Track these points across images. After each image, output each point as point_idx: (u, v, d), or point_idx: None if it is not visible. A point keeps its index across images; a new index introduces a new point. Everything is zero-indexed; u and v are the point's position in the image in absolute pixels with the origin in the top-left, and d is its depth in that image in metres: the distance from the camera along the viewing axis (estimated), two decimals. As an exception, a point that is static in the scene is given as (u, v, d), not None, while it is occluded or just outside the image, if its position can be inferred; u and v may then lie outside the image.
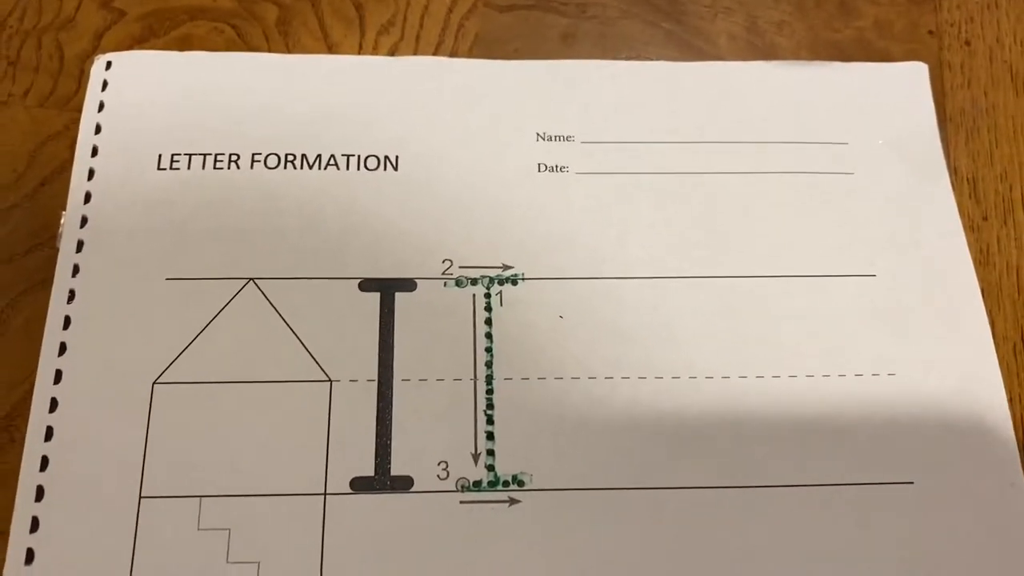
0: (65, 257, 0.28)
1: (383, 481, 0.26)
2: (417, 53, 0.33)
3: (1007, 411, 0.28)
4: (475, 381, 0.28)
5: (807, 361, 0.28)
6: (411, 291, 0.29)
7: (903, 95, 0.33)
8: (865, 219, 0.30)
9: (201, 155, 0.30)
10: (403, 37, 0.33)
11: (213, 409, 0.27)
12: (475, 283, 0.29)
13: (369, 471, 0.26)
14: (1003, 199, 0.32)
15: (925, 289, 0.29)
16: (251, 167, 0.30)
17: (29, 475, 0.26)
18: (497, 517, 0.26)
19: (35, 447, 0.26)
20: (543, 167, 0.31)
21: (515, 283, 0.29)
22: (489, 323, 0.28)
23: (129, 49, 0.32)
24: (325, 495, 0.26)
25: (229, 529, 0.26)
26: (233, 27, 0.33)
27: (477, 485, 0.26)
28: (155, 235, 0.29)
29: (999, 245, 0.31)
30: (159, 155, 0.30)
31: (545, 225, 0.30)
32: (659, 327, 0.29)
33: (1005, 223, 0.31)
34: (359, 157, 0.31)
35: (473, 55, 0.33)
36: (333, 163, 0.30)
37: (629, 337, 0.28)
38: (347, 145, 0.31)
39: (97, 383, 0.27)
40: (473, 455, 0.27)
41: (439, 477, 0.26)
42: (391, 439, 0.27)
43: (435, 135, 0.31)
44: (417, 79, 0.32)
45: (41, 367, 0.27)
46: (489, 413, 0.27)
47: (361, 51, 0.33)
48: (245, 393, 0.27)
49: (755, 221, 0.30)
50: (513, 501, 0.26)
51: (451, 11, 0.34)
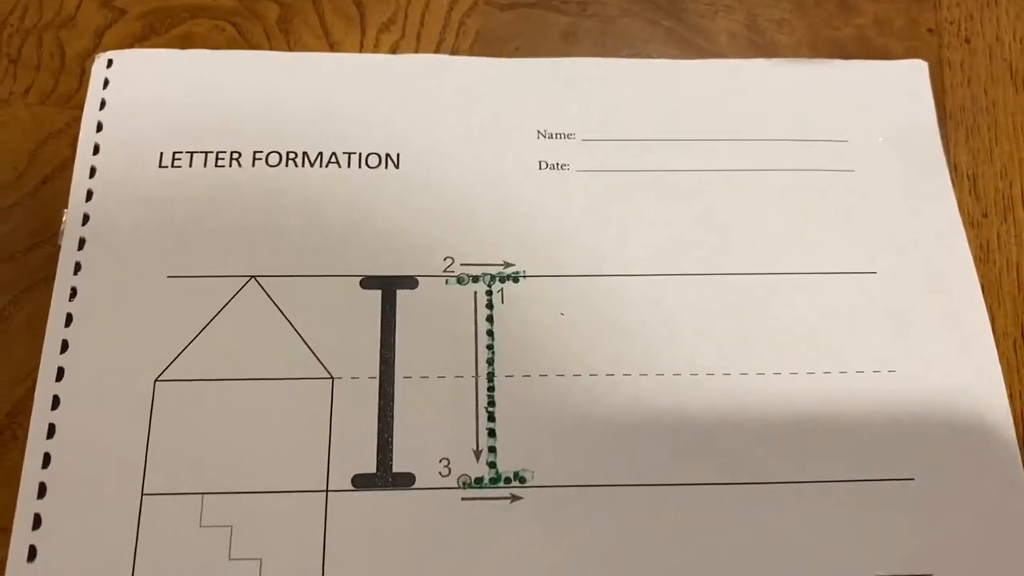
0: (67, 255, 0.28)
1: (385, 478, 0.26)
2: (418, 51, 0.33)
3: (1007, 407, 0.28)
4: (476, 378, 0.28)
5: (808, 358, 0.28)
6: (412, 289, 0.29)
7: (903, 93, 0.33)
8: (865, 216, 0.30)
9: (202, 153, 0.30)
10: (404, 35, 0.33)
11: (215, 406, 0.27)
12: (476, 280, 0.29)
13: (371, 468, 0.26)
14: (1003, 196, 0.32)
15: (925, 286, 0.30)
16: (252, 165, 0.30)
17: (31, 472, 0.26)
18: (498, 514, 0.26)
19: (37, 444, 0.26)
20: (544, 165, 0.31)
21: (516, 280, 0.29)
22: (490, 320, 0.28)
23: (130, 47, 0.32)
24: (327, 492, 0.26)
25: (231, 526, 0.26)
26: (234, 25, 0.33)
27: (479, 482, 0.26)
28: (157, 233, 0.29)
29: (999, 242, 0.31)
30: (160, 153, 0.30)
31: (546, 223, 0.30)
32: (660, 324, 0.29)
33: (1005, 220, 0.31)
34: (360, 155, 0.31)
35: (474, 53, 0.33)
36: (334, 161, 0.30)
37: (630, 334, 0.29)
38: (348, 143, 0.31)
39: (99, 380, 0.27)
40: (475, 452, 0.27)
41: (441, 474, 0.26)
42: (392, 436, 0.27)
43: (436, 133, 0.31)
44: (418, 77, 0.32)
45: (43, 364, 0.27)
46: (490, 410, 0.27)
47: (362, 49, 0.33)
48: (247, 390, 0.27)
49: (755, 218, 0.30)
50: (515, 498, 0.26)
51: (452, 9, 0.34)
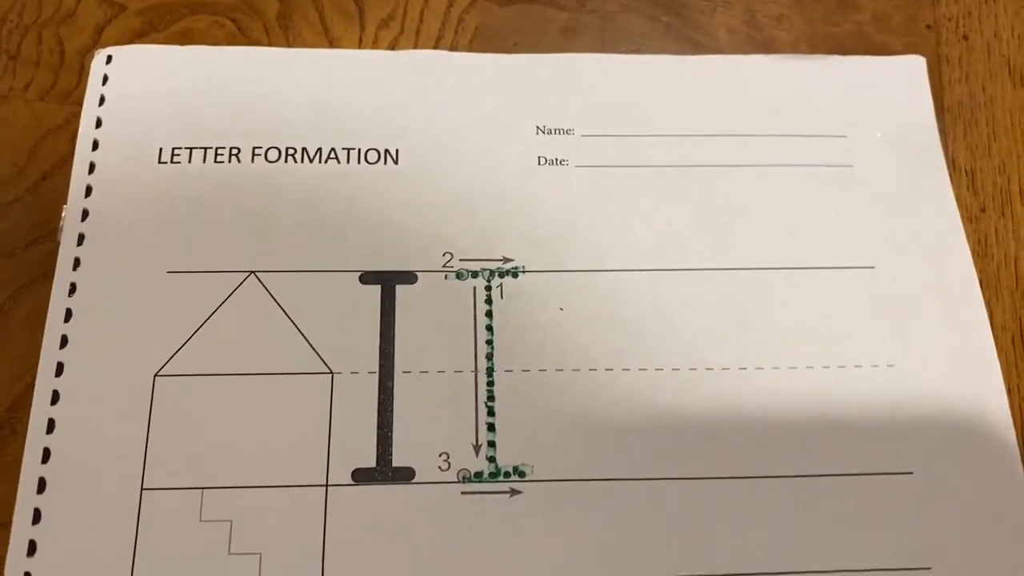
0: (66, 250, 0.28)
1: (384, 472, 0.26)
2: (417, 47, 0.33)
3: (1006, 402, 0.28)
4: (476, 373, 0.28)
5: (807, 353, 0.28)
6: (412, 284, 0.29)
7: (901, 88, 0.33)
8: (864, 211, 0.31)
9: (202, 149, 0.30)
10: (403, 31, 0.33)
11: (215, 401, 0.27)
12: (476, 276, 0.29)
13: (371, 462, 0.26)
14: (1001, 191, 0.32)
15: (924, 281, 0.30)
16: (252, 161, 0.30)
17: (31, 467, 0.26)
18: (498, 508, 0.26)
19: (37, 439, 0.26)
20: (543, 160, 0.31)
21: (516, 276, 0.29)
22: (490, 315, 0.28)
23: (129, 43, 0.32)
24: (327, 486, 0.26)
25: (231, 521, 0.26)
26: (233, 21, 0.33)
27: (478, 476, 0.26)
28: (156, 228, 0.29)
29: (997, 236, 0.31)
30: (160, 149, 0.30)
31: (545, 218, 0.30)
32: (659, 319, 0.29)
33: (1003, 215, 0.31)
34: (359, 150, 0.31)
35: (473, 49, 0.33)
36: (334, 156, 0.30)
37: (629, 329, 0.29)
38: (347, 139, 0.31)
39: (99, 376, 0.27)
40: (474, 446, 0.27)
41: (440, 468, 0.26)
42: (392, 431, 0.27)
43: (435, 129, 0.31)
44: (417, 73, 0.32)
45: (43, 360, 0.27)
46: (490, 405, 0.27)
47: (361, 45, 0.33)
48: (247, 385, 0.27)
49: (754, 213, 0.30)
50: (514, 492, 0.26)
51: (451, 5, 0.34)
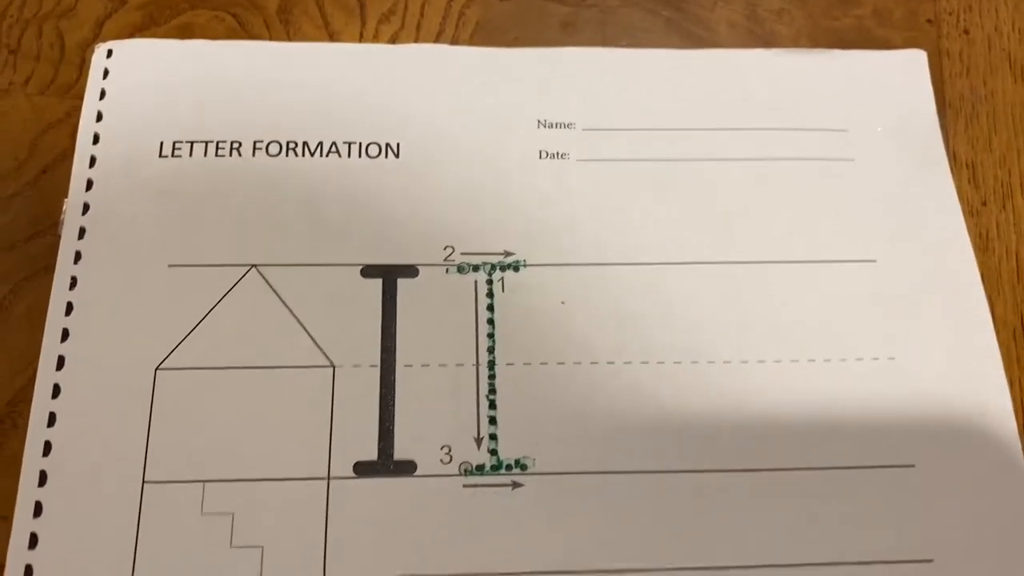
0: (67, 244, 0.28)
1: (386, 465, 0.26)
2: (418, 41, 0.33)
3: (1007, 394, 0.28)
4: (477, 366, 0.28)
5: (808, 346, 0.28)
6: (413, 277, 0.29)
7: (902, 82, 0.33)
8: (865, 205, 0.30)
9: (203, 143, 0.30)
10: (404, 26, 0.33)
11: (216, 395, 0.27)
12: (477, 269, 0.29)
13: (372, 455, 0.26)
14: (1002, 184, 0.32)
15: (925, 274, 0.30)
16: (253, 155, 0.30)
17: (32, 460, 0.26)
18: (500, 501, 0.26)
19: (38, 432, 0.26)
20: (544, 154, 0.31)
21: (517, 269, 0.29)
22: (491, 309, 0.28)
23: (130, 37, 0.32)
24: (328, 479, 0.26)
25: (233, 514, 0.26)
26: (234, 16, 0.33)
27: (480, 469, 0.26)
28: (157, 222, 0.29)
29: (998, 230, 0.31)
30: (160, 143, 0.30)
31: (546, 212, 0.30)
32: (660, 313, 0.29)
33: (1004, 208, 0.31)
34: (360, 144, 0.31)
35: (474, 43, 0.33)
36: (334, 151, 0.30)
37: (631, 323, 0.29)
38: (348, 133, 0.31)
39: (100, 369, 0.27)
40: (476, 439, 0.27)
41: (442, 461, 0.26)
42: (394, 424, 0.27)
43: (436, 123, 0.31)
44: (418, 67, 0.32)
45: (44, 353, 0.27)
46: (491, 398, 0.27)
47: (362, 39, 0.33)
48: (248, 379, 0.27)
49: (755, 207, 0.30)
50: (516, 485, 0.26)
51: (452, 0, 0.34)
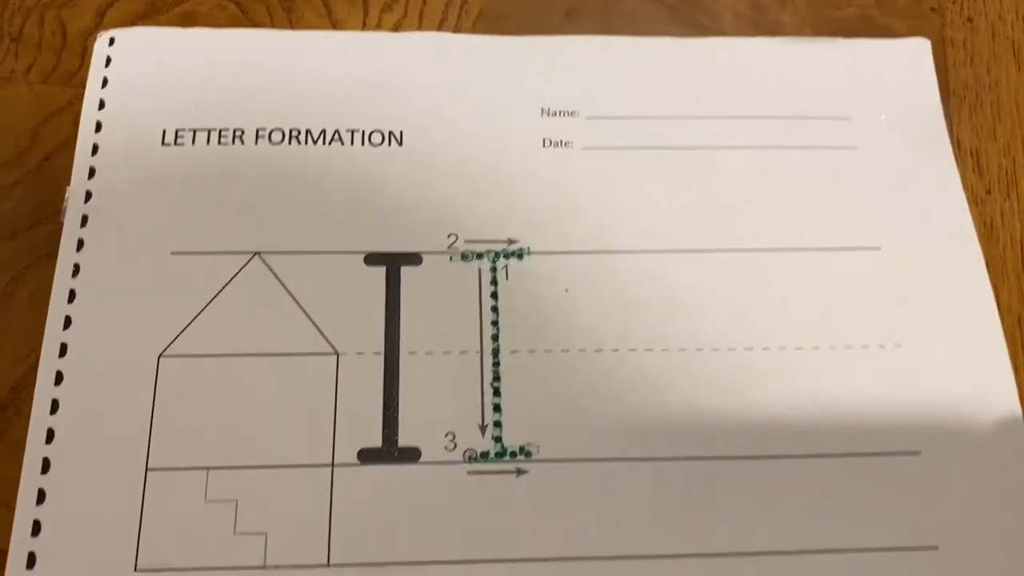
0: (70, 231, 0.28)
1: (390, 452, 0.26)
2: (421, 29, 0.33)
3: (1012, 382, 0.28)
4: (481, 354, 0.28)
5: (812, 333, 0.28)
6: (417, 265, 0.29)
7: (906, 71, 0.33)
8: (869, 193, 0.30)
9: (205, 131, 0.30)
10: (407, 14, 0.33)
11: (219, 381, 0.27)
12: (481, 257, 0.29)
13: (376, 442, 0.26)
14: (1006, 173, 0.32)
15: (930, 262, 0.29)
16: (255, 143, 0.30)
17: (35, 448, 0.26)
18: (504, 488, 0.26)
19: (41, 420, 0.26)
20: (548, 142, 0.31)
21: (521, 257, 0.29)
22: (495, 297, 0.28)
23: (132, 25, 0.32)
24: (333, 466, 0.26)
25: (236, 500, 0.25)
26: (236, 3, 0.33)
27: (484, 456, 0.26)
28: (160, 210, 0.29)
29: (1003, 218, 0.31)
30: (163, 131, 0.30)
31: (550, 199, 0.30)
32: (665, 300, 0.29)
33: (1009, 197, 0.31)
34: (363, 132, 0.30)
35: (476, 31, 0.33)
36: (337, 139, 0.30)
37: (635, 310, 0.28)
38: (351, 121, 0.31)
39: (102, 356, 0.27)
40: (480, 427, 0.27)
41: (446, 448, 0.26)
42: (398, 411, 0.27)
43: (439, 111, 0.31)
44: (421, 55, 0.32)
45: (46, 340, 0.27)
46: (496, 385, 0.27)
47: (365, 28, 0.33)
48: (251, 366, 0.27)
49: (759, 195, 0.30)
50: (520, 472, 0.26)
51: (454, -12, 0.34)
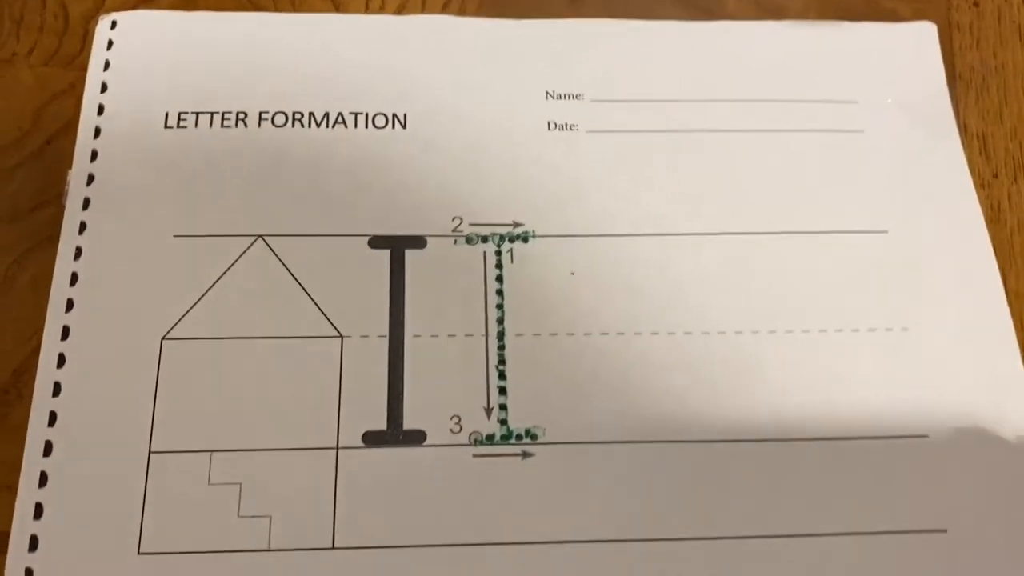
0: (72, 214, 0.28)
1: (395, 435, 0.26)
2: (424, 12, 0.33)
3: (1020, 364, 0.28)
4: (487, 337, 0.27)
5: (819, 317, 0.28)
6: (421, 248, 0.28)
7: (912, 54, 0.33)
8: (875, 176, 0.30)
9: (208, 114, 0.30)
10: (410, -3, 0.33)
11: (223, 364, 0.27)
12: (485, 240, 0.29)
13: (381, 425, 0.26)
14: (1013, 157, 0.31)
15: (937, 246, 0.29)
16: (258, 125, 0.30)
17: (37, 430, 0.26)
18: (510, 470, 0.26)
19: (43, 403, 0.26)
20: (553, 125, 0.31)
21: (526, 240, 0.29)
22: (500, 280, 0.28)
23: (134, 8, 0.32)
24: (337, 449, 0.26)
25: (240, 483, 0.25)
26: (239, -13, 0.33)
27: (490, 439, 0.26)
28: (162, 193, 0.29)
29: (1010, 202, 0.31)
30: (166, 113, 0.30)
31: (555, 183, 0.30)
32: (670, 284, 0.29)
33: (1016, 180, 0.31)
34: (367, 115, 0.30)
35: (481, 15, 0.33)
36: (341, 121, 0.30)
37: (640, 293, 0.28)
38: (355, 103, 0.30)
39: (105, 339, 0.27)
40: (485, 409, 0.27)
41: (452, 431, 0.26)
42: (403, 394, 0.27)
43: (443, 94, 0.31)
44: (425, 37, 0.32)
45: (48, 323, 0.27)
46: (501, 368, 0.27)
47: (368, 10, 0.33)
48: (255, 348, 0.27)
49: (765, 178, 0.30)
50: (526, 454, 0.26)
51: (458, -28, 0.33)
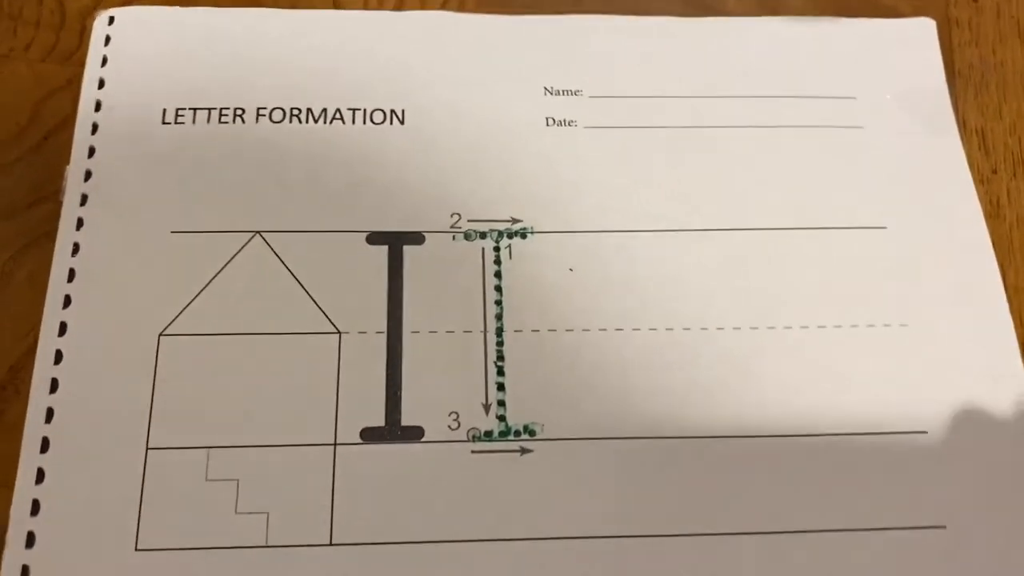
0: (69, 211, 0.28)
1: (393, 431, 0.26)
2: (423, 8, 0.33)
3: (1019, 360, 0.28)
4: (485, 333, 0.27)
5: (819, 312, 0.28)
6: (419, 244, 0.28)
7: (911, 51, 0.33)
8: (875, 172, 0.30)
9: (206, 109, 0.30)
10: (409, -7, 0.33)
11: (220, 361, 0.26)
12: (484, 236, 0.29)
13: (379, 422, 0.26)
14: (1012, 152, 0.31)
15: (936, 241, 0.29)
16: (256, 121, 0.30)
17: (34, 427, 0.26)
18: (508, 467, 0.26)
19: (40, 399, 0.26)
20: (551, 121, 0.30)
21: (524, 236, 0.29)
22: (498, 276, 0.28)
23: (131, 4, 0.32)
24: (335, 445, 0.26)
25: (238, 480, 0.25)
26: (237, -18, 0.33)
27: (488, 435, 0.26)
28: (160, 189, 0.29)
29: (1009, 197, 0.31)
30: (164, 109, 0.30)
31: (554, 179, 0.30)
32: (669, 279, 0.28)
33: (1015, 176, 0.31)
34: (365, 111, 0.30)
35: (480, 11, 0.32)
36: (339, 117, 0.30)
37: (639, 289, 0.28)
38: (353, 99, 0.30)
39: (102, 335, 0.27)
40: (484, 406, 0.26)
41: (450, 427, 0.26)
42: (401, 390, 0.26)
43: (442, 89, 0.31)
44: (424, 33, 0.31)
45: (45, 319, 0.27)
46: (499, 364, 0.27)
47: (367, 6, 0.33)
48: (253, 345, 0.27)
49: (764, 174, 0.30)
50: (524, 451, 0.26)
51: (457, -32, 0.33)
